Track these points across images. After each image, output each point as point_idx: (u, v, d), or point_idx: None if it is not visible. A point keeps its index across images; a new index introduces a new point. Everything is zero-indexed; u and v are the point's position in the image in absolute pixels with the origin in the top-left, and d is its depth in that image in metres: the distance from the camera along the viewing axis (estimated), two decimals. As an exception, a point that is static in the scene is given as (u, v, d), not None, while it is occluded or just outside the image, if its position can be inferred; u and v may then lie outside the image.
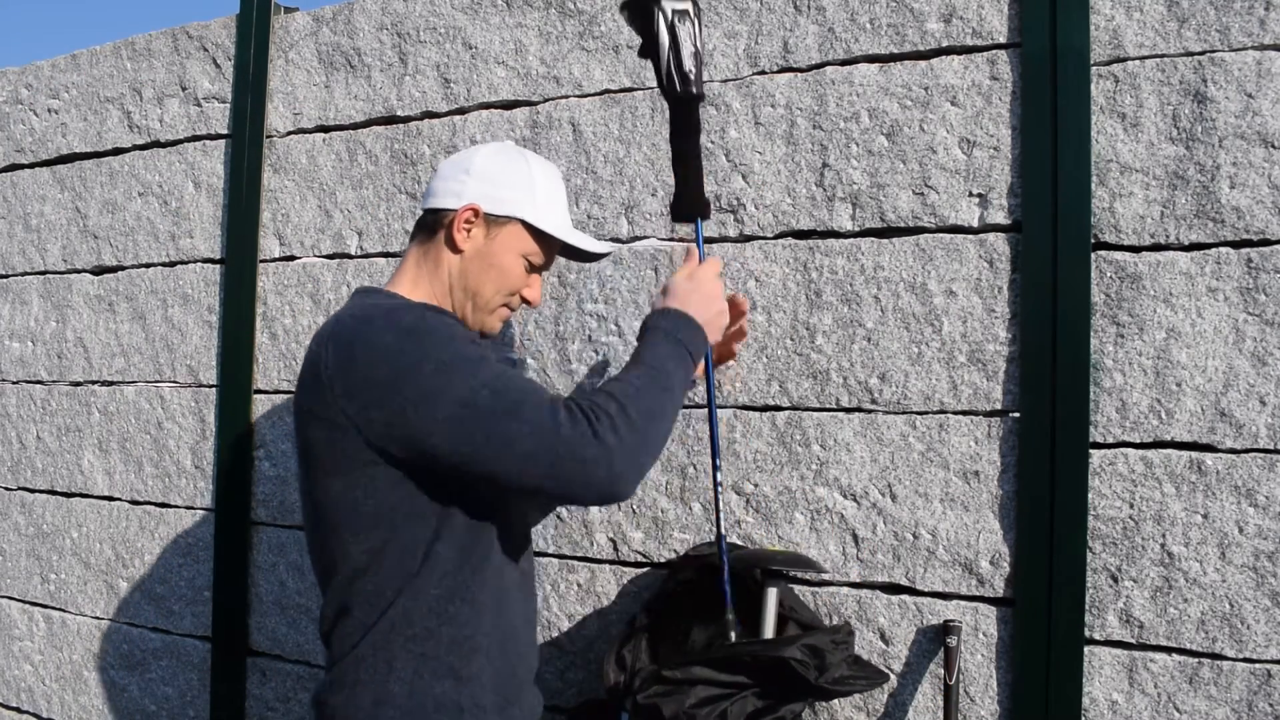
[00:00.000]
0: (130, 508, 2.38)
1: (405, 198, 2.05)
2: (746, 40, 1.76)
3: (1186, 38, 1.47)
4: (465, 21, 2.01)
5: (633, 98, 1.84)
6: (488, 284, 1.39)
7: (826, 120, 1.69)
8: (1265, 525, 1.40)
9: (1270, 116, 1.42)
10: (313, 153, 2.17)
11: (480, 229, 1.37)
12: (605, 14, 1.88)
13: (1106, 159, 1.51)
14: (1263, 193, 1.42)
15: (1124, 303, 1.49)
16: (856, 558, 1.63)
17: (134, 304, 2.40)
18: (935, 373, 1.59)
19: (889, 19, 1.65)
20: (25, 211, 2.62)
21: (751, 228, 1.73)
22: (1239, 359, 1.43)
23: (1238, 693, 1.40)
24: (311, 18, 2.21)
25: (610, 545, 1.82)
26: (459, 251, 1.37)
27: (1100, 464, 1.49)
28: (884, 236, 1.64)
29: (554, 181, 1.43)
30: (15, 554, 2.59)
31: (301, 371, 1.29)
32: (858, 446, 1.63)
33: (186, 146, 2.35)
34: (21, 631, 2.57)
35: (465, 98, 2.01)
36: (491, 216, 1.37)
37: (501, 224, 1.38)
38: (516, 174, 1.39)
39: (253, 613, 2.18)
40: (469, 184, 1.37)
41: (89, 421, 2.45)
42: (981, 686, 1.54)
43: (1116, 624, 1.47)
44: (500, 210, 1.37)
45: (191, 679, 2.27)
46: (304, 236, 2.17)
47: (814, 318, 1.67)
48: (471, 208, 1.36)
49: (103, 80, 2.49)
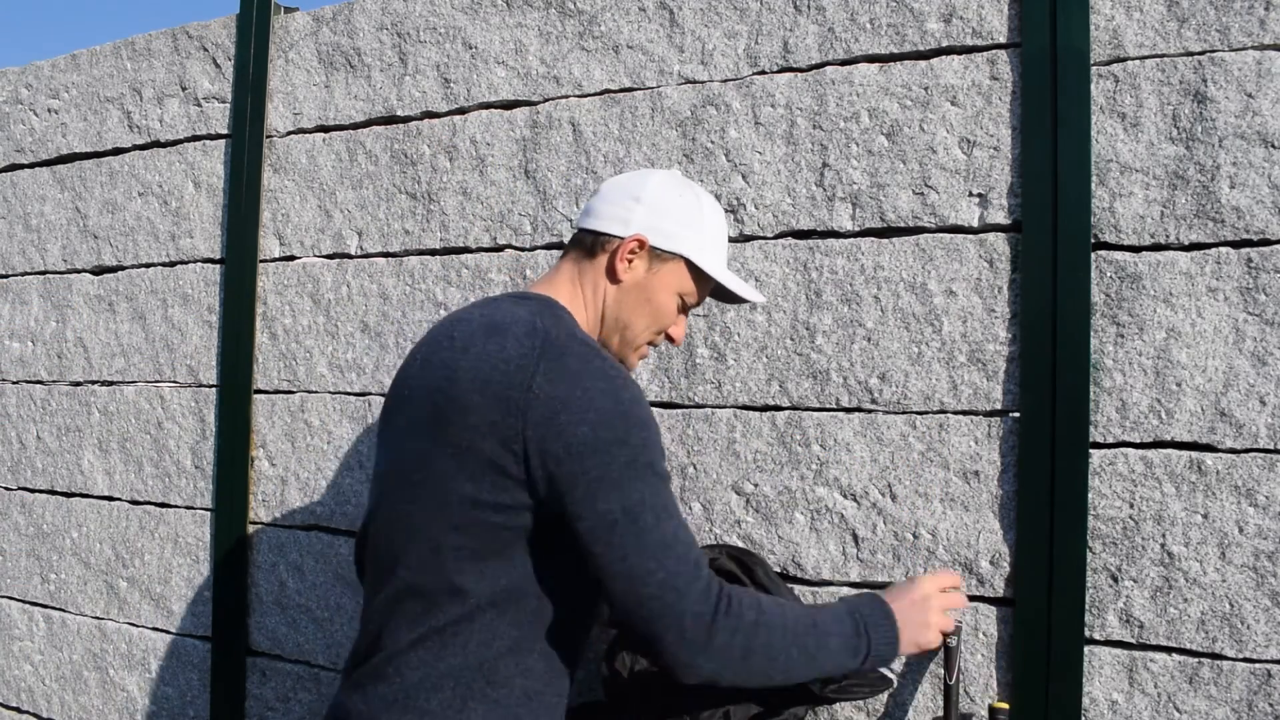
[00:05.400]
0: (130, 508, 2.38)
1: (405, 198, 2.05)
2: (746, 40, 1.76)
3: (1186, 38, 1.47)
4: (465, 21, 2.01)
5: (633, 98, 1.84)
6: (640, 319, 1.35)
7: (826, 120, 1.69)
8: (1265, 525, 1.40)
9: (1270, 116, 1.42)
10: (313, 153, 2.17)
11: (643, 261, 1.33)
12: (605, 14, 1.88)
13: (1106, 159, 1.51)
14: (1263, 193, 1.42)
15: (1124, 303, 1.49)
16: (856, 558, 1.63)
17: (134, 304, 2.40)
18: (935, 373, 1.59)
19: (889, 19, 1.65)
20: (25, 211, 2.62)
21: (751, 228, 1.73)
22: (1239, 359, 1.43)
23: (1238, 693, 1.40)
24: (311, 18, 2.21)
25: (610, 545, 1.82)
26: (618, 281, 1.33)
27: (1100, 464, 1.49)
28: (884, 236, 1.64)
29: (721, 219, 1.40)
30: (15, 554, 2.59)
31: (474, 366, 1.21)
32: (858, 446, 1.63)
33: (186, 146, 2.35)
34: (21, 631, 2.57)
35: (465, 98, 2.01)
36: (657, 251, 1.33)
37: (665, 259, 1.34)
38: (687, 209, 1.35)
39: (253, 613, 2.18)
40: (638, 212, 1.33)
41: (89, 421, 2.45)
42: (981, 686, 1.54)
43: (1116, 624, 1.47)
44: (667, 245, 1.33)
45: (191, 679, 2.27)
46: (304, 236, 2.18)
47: (814, 318, 1.67)
48: (639, 239, 1.32)
49: (103, 80, 2.49)
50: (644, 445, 1.18)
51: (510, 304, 1.31)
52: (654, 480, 1.18)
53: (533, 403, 1.17)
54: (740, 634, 1.16)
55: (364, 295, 2.08)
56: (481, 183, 1.97)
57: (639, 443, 1.18)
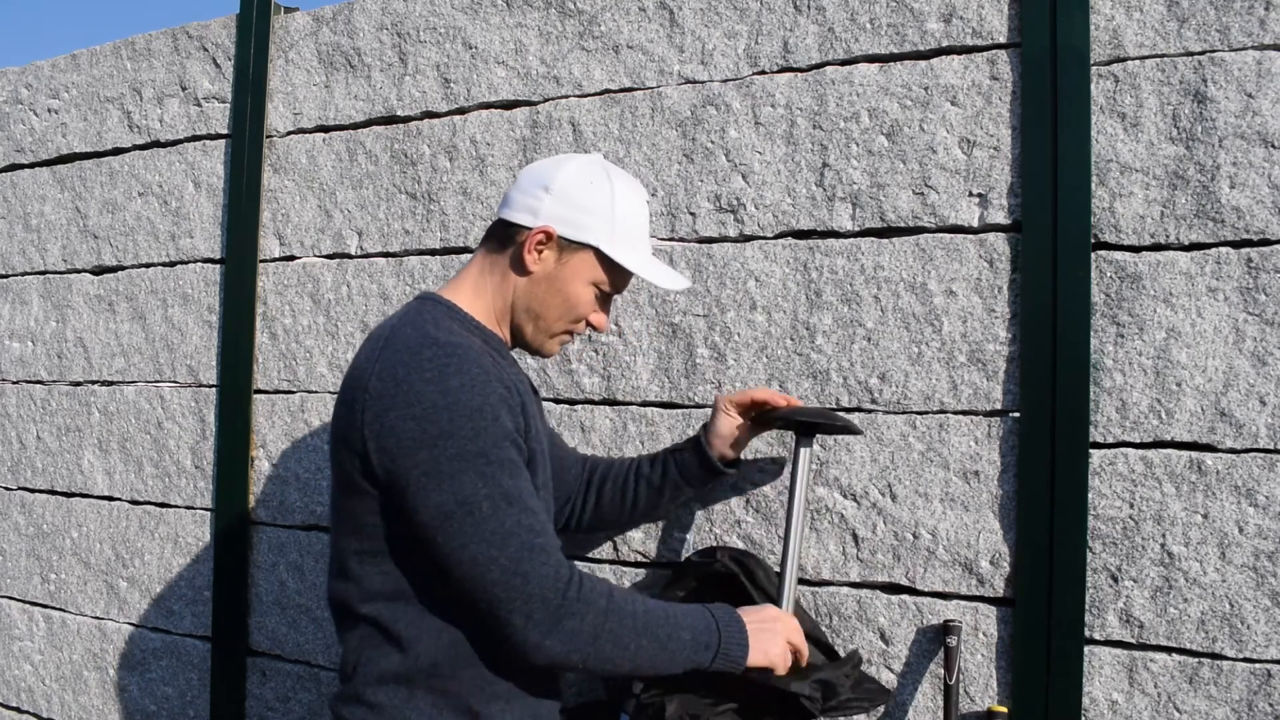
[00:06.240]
0: (130, 508, 2.38)
1: (405, 198, 2.05)
2: (746, 40, 1.76)
3: (1186, 38, 1.47)
4: (465, 21, 2.01)
5: (633, 98, 1.84)
6: (552, 309, 1.35)
7: (826, 120, 1.69)
8: (1265, 525, 1.40)
9: (1270, 116, 1.42)
10: (313, 153, 2.17)
11: (552, 252, 1.33)
12: (605, 14, 1.88)
13: (1106, 159, 1.51)
14: (1263, 193, 1.42)
15: (1124, 303, 1.49)
16: (856, 558, 1.63)
17: (134, 304, 2.40)
18: (935, 373, 1.59)
19: (889, 19, 1.65)
20: (25, 211, 2.62)
21: (751, 228, 1.73)
22: (1239, 359, 1.43)
23: (1238, 693, 1.40)
24: (311, 18, 2.21)
25: (610, 545, 1.82)
26: (527, 273, 1.33)
27: (1100, 464, 1.49)
28: (884, 236, 1.64)
29: (636, 206, 1.37)
30: (15, 554, 2.59)
31: (348, 374, 1.28)
32: (858, 446, 1.63)
33: (186, 146, 2.35)
34: (21, 631, 2.57)
35: (465, 98, 2.01)
36: (565, 241, 1.32)
37: (575, 250, 1.33)
38: (598, 198, 1.33)
39: (252, 613, 2.18)
40: (546, 202, 1.32)
41: (89, 421, 2.45)
42: (981, 686, 1.54)
43: (1116, 624, 1.47)
44: (575, 236, 1.32)
45: (191, 679, 2.27)
46: (304, 236, 2.18)
47: (814, 318, 1.67)
48: (545, 230, 1.31)
49: (103, 80, 2.49)
50: (474, 434, 1.18)
51: (397, 311, 1.36)
52: (488, 468, 1.17)
53: (368, 403, 1.20)
54: (589, 618, 1.18)
55: (364, 295, 2.08)
56: (481, 183, 1.97)
57: (468, 433, 1.17)
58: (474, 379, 1.21)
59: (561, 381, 1.87)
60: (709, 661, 1.26)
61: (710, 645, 1.26)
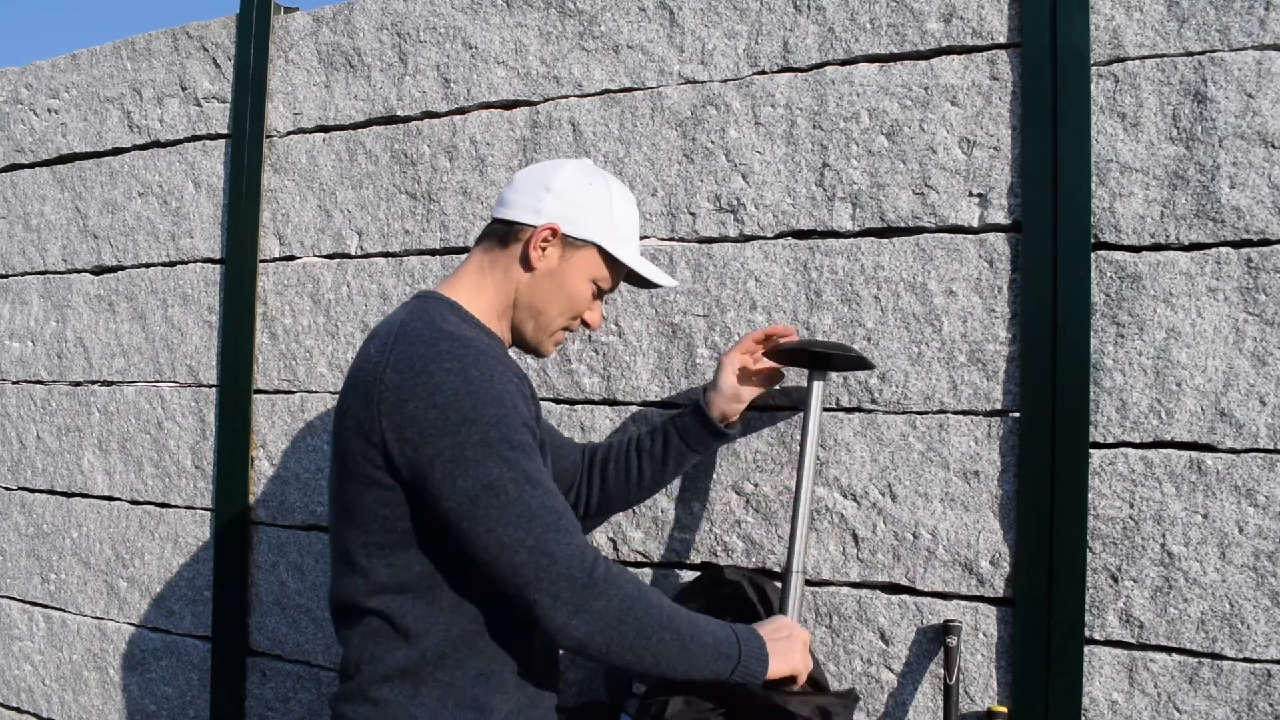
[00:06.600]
0: (130, 508, 2.38)
1: (405, 198, 2.05)
2: (746, 40, 1.76)
3: (1186, 38, 1.47)
4: (465, 21, 2.01)
5: (633, 98, 1.84)
6: (554, 305, 1.38)
7: (826, 120, 1.69)
8: (1265, 525, 1.40)
9: (1270, 116, 1.42)
10: (313, 153, 2.17)
11: (555, 249, 1.36)
12: (605, 14, 1.88)
13: (1106, 159, 1.51)
14: (1263, 193, 1.42)
15: (1124, 303, 1.49)
16: (856, 558, 1.63)
17: (134, 304, 2.40)
18: (935, 373, 1.59)
19: (889, 19, 1.65)
20: (25, 211, 2.62)
21: (751, 228, 1.73)
22: (1239, 359, 1.43)
23: (1238, 693, 1.40)
24: (311, 18, 2.21)
25: (610, 545, 1.82)
26: (532, 269, 1.36)
27: (1100, 464, 1.49)
28: (884, 236, 1.64)
29: (631, 207, 1.42)
30: (15, 554, 2.59)
31: (353, 371, 1.29)
32: (858, 446, 1.63)
33: (186, 146, 2.35)
34: (21, 631, 2.57)
35: (465, 98, 2.01)
36: (569, 239, 1.36)
37: (578, 247, 1.37)
38: (598, 197, 1.37)
39: (252, 613, 2.18)
40: (549, 201, 1.35)
41: (89, 421, 2.45)
42: (981, 686, 1.54)
43: (1116, 624, 1.47)
44: (579, 234, 1.36)
45: (191, 679, 2.27)
46: (304, 236, 2.18)
47: (814, 318, 1.67)
48: (551, 227, 1.34)
49: (103, 80, 2.49)
50: (497, 421, 1.20)
51: (399, 309, 1.36)
52: (511, 454, 1.19)
53: (384, 394, 1.21)
54: (617, 600, 1.19)
55: (364, 295, 2.08)
56: (481, 183, 1.97)
57: (491, 419, 1.19)
58: (492, 369, 1.23)
59: (561, 381, 1.87)
60: (729, 672, 1.27)
61: (731, 656, 1.27)
